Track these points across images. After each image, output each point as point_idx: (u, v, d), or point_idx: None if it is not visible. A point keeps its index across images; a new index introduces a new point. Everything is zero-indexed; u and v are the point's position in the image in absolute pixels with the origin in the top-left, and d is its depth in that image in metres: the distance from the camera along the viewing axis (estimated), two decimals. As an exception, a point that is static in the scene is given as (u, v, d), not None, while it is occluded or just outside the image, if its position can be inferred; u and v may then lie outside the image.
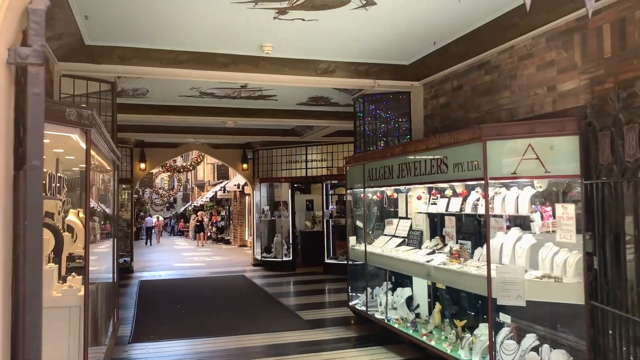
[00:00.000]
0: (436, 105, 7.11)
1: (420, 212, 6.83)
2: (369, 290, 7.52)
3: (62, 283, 4.60)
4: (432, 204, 6.38)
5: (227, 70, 6.41)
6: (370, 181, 7.33)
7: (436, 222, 6.61)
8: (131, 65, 6.22)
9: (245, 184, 17.69)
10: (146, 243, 29.08)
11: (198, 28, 5.56)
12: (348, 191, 8.35)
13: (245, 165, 15.45)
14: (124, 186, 13.98)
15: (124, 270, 13.66)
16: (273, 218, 15.04)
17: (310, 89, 8.26)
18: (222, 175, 27.07)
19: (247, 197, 25.43)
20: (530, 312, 4.86)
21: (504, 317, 4.80)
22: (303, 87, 8.24)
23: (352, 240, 8.24)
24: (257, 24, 5.37)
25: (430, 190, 6.43)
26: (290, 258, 14.56)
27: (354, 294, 8.05)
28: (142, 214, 44.07)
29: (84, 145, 4.04)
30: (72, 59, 5.92)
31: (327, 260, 13.93)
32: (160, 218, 38.57)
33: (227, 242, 27.01)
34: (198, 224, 27.21)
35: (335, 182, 14.27)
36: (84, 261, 4.32)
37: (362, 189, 7.72)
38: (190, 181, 55.40)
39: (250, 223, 24.67)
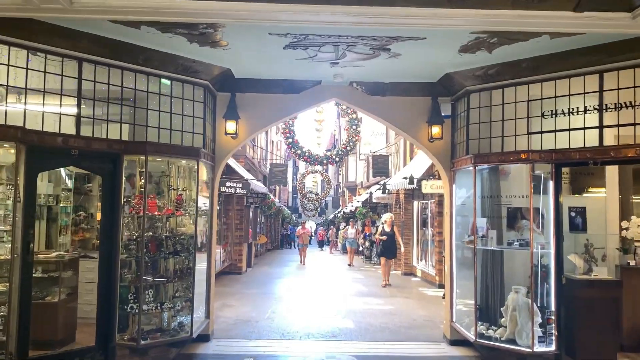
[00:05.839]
0: None
1: None
2: None
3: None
4: None
5: None
6: None
7: None
8: None
9: (431, 175, 9.48)
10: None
11: None
12: None
13: (436, 130, 7.22)
14: (183, 161, 6.72)
15: (177, 345, 6.34)
16: (501, 247, 6.55)
17: None
18: (380, 170, 19.17)
19: (414, 203, 17.14)
20: None
21: None
22: None
23: None
24: None
25: None
26: (553, 348, 5.95)
27: None
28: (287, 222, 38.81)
29: None
30: None
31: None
32: (308, 226, 31.89)
33: (385, 264, 19.02)
34: (385, 238, 13.66)
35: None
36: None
37: None
38: (341, 184, 49.06)
39: (416, 240, 16.08)
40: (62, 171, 10.73)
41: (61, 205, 10.84)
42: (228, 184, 11.98)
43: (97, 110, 5.80)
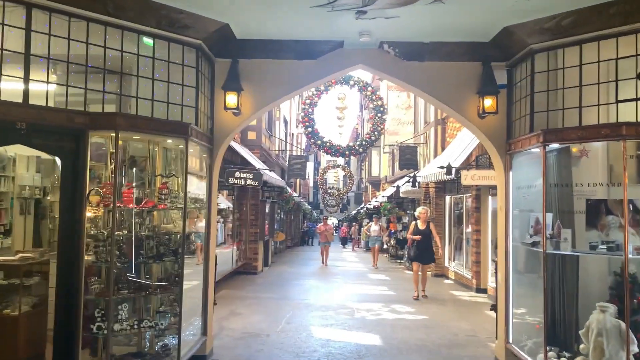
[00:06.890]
0: None
1: None
2: None
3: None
4: None
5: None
6: None
7: None
8: None
9: (469, 165, 7.94)
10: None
11: None
12: None
13: (489, 103, 5.74)
14: (169, 141, 5.36)
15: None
16: (581, 251, 5.03)
17: None
18: (407, 162, 17.64)
19: (446, 198, 15.59)
20: None
21: None
22: None
23: None
24: None
25: None
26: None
27: None
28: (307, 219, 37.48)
29: None
30: None
31: None
32: (330, 222, 30.33)
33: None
34: (419, 238, 11.03)
35: None
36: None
37: None
38: (363, 179, 47.44)
39: (448, 238, 14.42)
40: (57, 160, 9.57)
41: (49, 198, 9.66)
42: (237, 174, 10.65)
43: (53, 74, 4.49)
